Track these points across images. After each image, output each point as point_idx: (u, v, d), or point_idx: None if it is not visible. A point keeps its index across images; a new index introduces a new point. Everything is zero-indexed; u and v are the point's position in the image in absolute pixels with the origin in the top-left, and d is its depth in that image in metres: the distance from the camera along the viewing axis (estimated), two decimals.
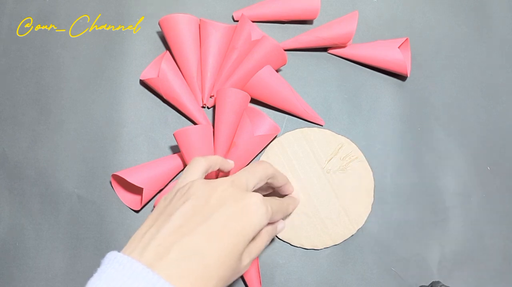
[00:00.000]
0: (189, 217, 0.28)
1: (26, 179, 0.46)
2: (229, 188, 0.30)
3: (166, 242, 0.27)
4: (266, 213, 0.30)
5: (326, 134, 0.46)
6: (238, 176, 0.32)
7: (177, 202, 0.30)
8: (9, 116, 0.47)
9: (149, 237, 0.27)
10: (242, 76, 0.45)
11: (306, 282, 0.44)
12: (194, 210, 0.28)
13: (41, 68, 0.48)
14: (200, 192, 0.30)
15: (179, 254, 0.26)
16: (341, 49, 0.48)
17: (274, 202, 0.34)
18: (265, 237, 0.33)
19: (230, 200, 0.29)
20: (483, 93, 0.49)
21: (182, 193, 0.30)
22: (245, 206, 0.29)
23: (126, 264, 0.25)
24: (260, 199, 0.30)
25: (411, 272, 0.44)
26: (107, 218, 0.44)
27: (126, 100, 0.47)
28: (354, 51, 0.47)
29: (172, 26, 0.44)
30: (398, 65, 0.46)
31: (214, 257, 0.27)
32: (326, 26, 0.46)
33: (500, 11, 0.51)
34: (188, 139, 0.41)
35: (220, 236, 0.27)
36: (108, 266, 0.26)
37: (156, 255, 0.26)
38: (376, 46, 0.47)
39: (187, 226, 0.27)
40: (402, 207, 0.45)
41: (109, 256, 0.27)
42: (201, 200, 0.29)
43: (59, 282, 0.43)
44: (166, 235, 0.27)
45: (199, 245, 0.27)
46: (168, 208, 0.29)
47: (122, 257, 0.26)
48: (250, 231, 0.29)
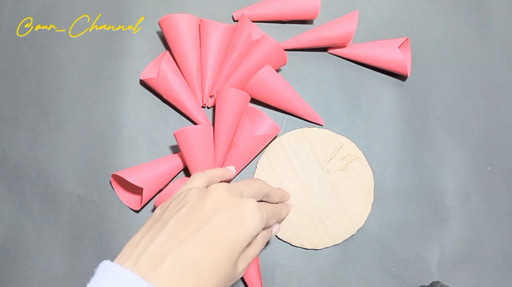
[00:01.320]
0: (184, 224, 0.28)
1: (26, 179, 0.46)
2: (224, 193, 0.30)
3: (160, 250, 0.26)
4: (261, 219, 0.30)
5: (326, 134, 0.46)
6: (233, 185, 0.31)
7: (172, 209, 0.29)
8: (9, 116, 0.47)
9: (143, 246, 0.27)
10: (242, 76, 0.45)
11: (306, 282, 0.44)
12: (189, 216, 0.28)
13: (41, 68, 0.48)
14: (195, 198, 0.29)
15: (173, 263, 0.26)
16: (341, 49, 0.48)
17: (269, 207, 0.34)
18: (260, 242, 0.33)
19: (225, 206, 0.29)
20: (483, 93, 0.49)
21: (178, 201, 0.30)
22: (240, 212, 0.29)
23: (120, 274, 0.25)
24: (255, 204, 0.30)
25: (411, 272, 0.44)
26: (107, 218, 0.44)
27: (126, 100, 0.47)
28: (354, 51, 0.47)
29: (172, 26, 0.44)
30: (398, 65, 0.46)
31: (209, 265, 0.26)
32: (326, 26, 0.46)
33: (500, 11, 0.51)
34: (188, 139, 0.41)
35: (215, 243, 0.27)
36: (101, 276, 0.25)
37: (150, 264, 0.26)
38: (376, 46, 0.47)
39: (182, 233, 0.27)
40: (402, 207, 0.45)
41: (102, 265, 0.26)
42: (196, 206, 0.29)
43: (59, 282, 0.43)
44: (160, 244, 0.27)
45: (194, 253, 0.26)
46: (163, 215, 0.29)
47: (116, 267, 0.25)
48: (245, 238, 0.29)
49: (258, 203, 0.30)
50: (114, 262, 0.26)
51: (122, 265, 0.26)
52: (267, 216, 0.31)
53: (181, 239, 0.27)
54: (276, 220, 0.36)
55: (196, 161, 0.42)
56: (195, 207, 0.29)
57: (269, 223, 0.34)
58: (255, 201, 0.30)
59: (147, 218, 0.45)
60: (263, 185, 0.35)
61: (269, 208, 0.34)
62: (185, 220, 0.28)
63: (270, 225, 0.36)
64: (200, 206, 0.29)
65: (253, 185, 0.34)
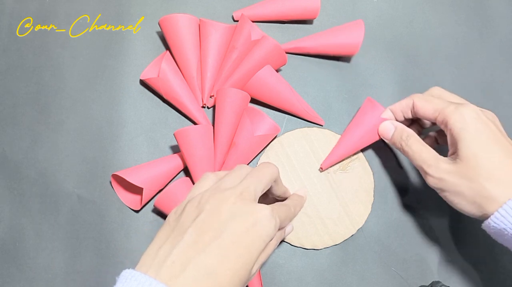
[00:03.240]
0: (202, 232, 0.28)
1: (26, 179, 0.46)
2: (238, 201, 0.30)
3: (180, 259, 0.27)
4: (275, 225, 0.31)
5: (326, 134, 0.46)
6: (247, 186, 0.31)
7: (188, 216, 0.30)
8: (9, 116, 0.47)
9: (164, 255, 0.28)
10: (242, 76, 0.45)
11: (306, 282, 0.44)
12: (207, 225, 0.29)
13: (41, 68, 0.48)
14: (210, 205, 0.30)
15: (194, 272, 0.27)
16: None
17: (282, 211, 0.34)
18: (274, 244, 0.34)
19: (241, 213, 0.29)
20: (483, 93, 0.49)
21: (193, 206, 0.30)
22: (255, 220, 0.29)
23: (144, 282, 0.26)
24: (269, 212, 0.30)
25: (411, 272, 0.44)
26: (107, 218, 0.44)
27: (126, 100, 0.47)
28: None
29: (172, 26, 0.44)
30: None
31: (227, 272, 0.27)
32: (330, 34, 0.46)
33: (500, 11, 0.51)
34: (188, 139, 0.41)
35: (233, 252, 0.28)
36: (125, 284, 0.26)
37: (172, 272, 0.27)
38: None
39: (200, 242, 0.28)
40: (402, 207, 0.45)
41: (125, 274, 0.27)
42: (213, 214, 0.29)
43: (59, 282, 0.43)
44: (180, 252, 0.28)
45: (213, 261, 0.27)
46: (179, 222, 0.30)
47: (140, 275, 0.26)
48: (261, 245, 0.29)
49: (272, 209, 0.31)
50: (136, 270, 0.27)
51: (145, 274, 0.27)
52: (280, 221, 0.32)
53: (200, 248, 0.28)
54: (289, 220, 0.36)
55: (196, 161, 0.42)
56: (212, 215, 0.29)
57: (282, 225, 0.34)
58: (270, 208, 0.31)
59: (147, 218, 0.45)
60: (274, 169, 0.35)
61: (282, 212, 0.34)
62: (202, 228, 0.29)
63: (284, 227, 0.37)
64: (216, 214, 0.29)
65: (265, 176, 0.34)
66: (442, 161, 0.36)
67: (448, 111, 0.37)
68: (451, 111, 0.36)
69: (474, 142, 0.35)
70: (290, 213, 0.36)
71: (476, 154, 0.34)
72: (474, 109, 0.36)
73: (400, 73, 0.49)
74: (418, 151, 0.38)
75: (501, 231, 0.34)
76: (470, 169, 0.34)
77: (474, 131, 0.35)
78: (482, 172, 0.34)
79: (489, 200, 0.34)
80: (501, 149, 0.35)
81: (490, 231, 0.35)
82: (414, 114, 0.40)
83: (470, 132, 0.35)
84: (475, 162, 0.34)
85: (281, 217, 0.32)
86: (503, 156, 0.34)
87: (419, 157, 0.38)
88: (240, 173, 0.33)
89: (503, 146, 0.35)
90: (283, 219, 0.34)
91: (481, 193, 0.34)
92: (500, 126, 0.38)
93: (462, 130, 0.35)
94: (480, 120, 0.36)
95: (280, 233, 0.36)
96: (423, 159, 0.37)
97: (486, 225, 0.35)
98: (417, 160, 0.38)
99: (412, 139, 0.39)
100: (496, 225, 0.34)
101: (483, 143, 0.35)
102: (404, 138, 0.40)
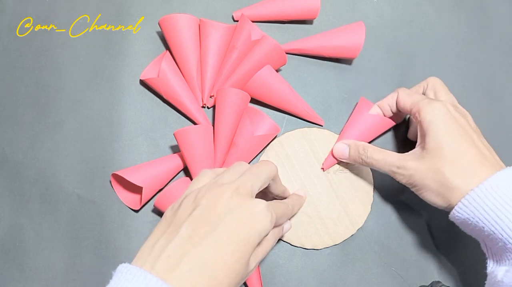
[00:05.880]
0: (198, 227, 0.28)
1: (26, 179, 0.46)
2: (235, 196, 0.30)
3: (176, 253, 0.27)
4: (271, 220, 0.31)
5: (326, 134, 0.46)
6: (244, 182, 0.31)
7: (184, 211, 0.30)
8: (9, 116, 0.47)
9: (159, 249, 0.28)
10: (242, 76, 0.45)
11: (306, 282, 0.44)
12: (202, 219, 0.29)
13: (41, 68, 0.48)
14: (206, 200, 0.30)
15: (189, 265, 0.27)
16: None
17: (279, 207, 0.34)
18: (271, 240, 0.34)
19: (236, 208, 0.29)
20: (483, 93, 0.49)
21: (189, 201, 0.31)
22: (251, 214, 0.29)
23: (139, 276, 0.26)
24: (265, 206, 0.30)
25: (411, 272, 0.44)
26: (107, 218, 0.44)
27: (126, 100, 0.47)
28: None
29: (172, 26, 0.44)
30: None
31: (222, 266, 0.28)
32: (331, 36, 0.46)
33: (500, 11, 0.51)
34: (188, 139, 0.41)
35: (228, 245, 0.28)
36: (121, 279, 0.26)
37: (167, 267, 0.27)
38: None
39: (196, 236, 0.28)
40: (402, 207, 0.45)
41: (120, 268, 0.27)
42: (209, 209, 0.29)
43: (59, 282, 0.43)
44: (176, 247, 0.28)
45: (208, 255, 0.27)
46: (176, 217, 0.30)
47: (135, 269, 0.26)
48: (256, 239, 0.29)
49: (268, 204, 0.31)
50: (131, 264, 0.27)
51: (140, 268, 0.27)
52: (277, 216, 0.32)
53: (195, 242, 0.28)
54: (287, 218, 0.37)
55: (196, 161, 0.42)
56: (208, 209, 0.29)
57: (280, 222, 0.34)
58: (265, 203, 0.31)
59: (147, 218, 0.45)
60: (272, 167, 0.35)
61: (279, 209, 0.34)
62: (198, 222, 0.29)
63: (281, 224, 0.37)
64: (212, 208, 0.29)
65: (263, 173, 0.34)
66: (408, 160, 0.37)
67: (422, 104, 0.38)
68: (424, 104, 0.37)
69: (440, 133, 0.36)
70: (287, 210, 0.36)
71: (441, 146, 0.35)
72: (445, 104, 0.37)
73: (400, 73, 0.49)
74: (381, 159, 0.39)
75: (465, 221, 0.34)
76: (435, 161, 0.35)
77: (442, 124, 0.36)
78: (446, 163, 0.35)
79: (453, 190, 0.34)
80: (466, 141, 0.35)
81: (457, 222, 0.36)
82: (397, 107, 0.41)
83: (438, 124, 0.36)
84: (440, 152, 0.35)
85: (278, 213, 0.33)
86: (467, 147, 0.35)
87: (385, 163, 0.39)
88: (238, 170, 0.33)
89: (469, 139, 0.36)
90: (280, 215, 0.34)
91: (445, 184, 0.34)
92: (473, 123, 0.38)
93: (431, 122, 0.36)
94: (450, 115, 0.36)
95: (278, 230, 0.36)
96: (389, 164, 0.38)
97: (452, 216, 0.35)
98: (383, 166, 0.39)
99: (370, 150, 0.40)
100: (460, 215, 0.34)
101: (449, 135, 0.35)
102: (362, 151, 0.41)
